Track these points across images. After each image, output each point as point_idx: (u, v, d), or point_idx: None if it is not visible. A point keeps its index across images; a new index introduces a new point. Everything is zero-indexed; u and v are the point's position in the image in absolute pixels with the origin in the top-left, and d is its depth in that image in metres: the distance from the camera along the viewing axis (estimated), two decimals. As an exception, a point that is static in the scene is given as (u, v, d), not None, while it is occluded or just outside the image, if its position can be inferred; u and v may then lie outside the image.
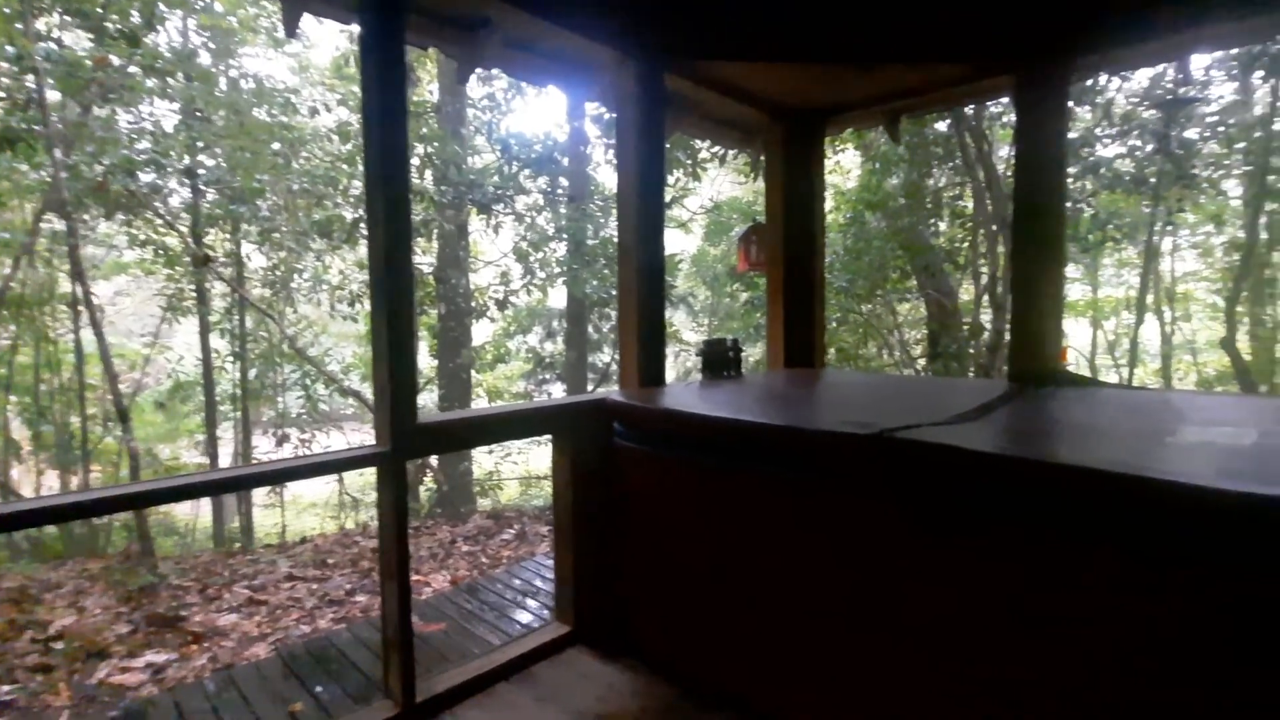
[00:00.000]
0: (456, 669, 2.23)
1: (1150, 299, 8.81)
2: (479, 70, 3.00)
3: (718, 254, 10.39)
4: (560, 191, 8.58)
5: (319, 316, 10.06)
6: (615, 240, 3.91)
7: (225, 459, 10.62)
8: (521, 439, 3.67)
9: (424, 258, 10.18)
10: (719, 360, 3.06)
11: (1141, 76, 6.54)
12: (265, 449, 9.83)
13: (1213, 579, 1.20)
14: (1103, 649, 1.33)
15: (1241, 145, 6.66)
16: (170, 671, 3.69)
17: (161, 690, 3.39)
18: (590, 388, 9.30)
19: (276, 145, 7.64)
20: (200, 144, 7.53)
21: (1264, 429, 1.62)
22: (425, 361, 11.27)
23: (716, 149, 7.43)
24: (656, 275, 2.68)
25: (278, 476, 1.94)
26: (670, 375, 3.09)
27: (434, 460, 9.09)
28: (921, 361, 8.50)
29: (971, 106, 6.09)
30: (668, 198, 8.20)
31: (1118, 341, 10.53)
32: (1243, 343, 8.43)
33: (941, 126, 6.91)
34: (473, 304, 9.02)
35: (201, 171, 7.72)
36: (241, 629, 4.25)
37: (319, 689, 2.52)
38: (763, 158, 3.79)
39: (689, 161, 7.61)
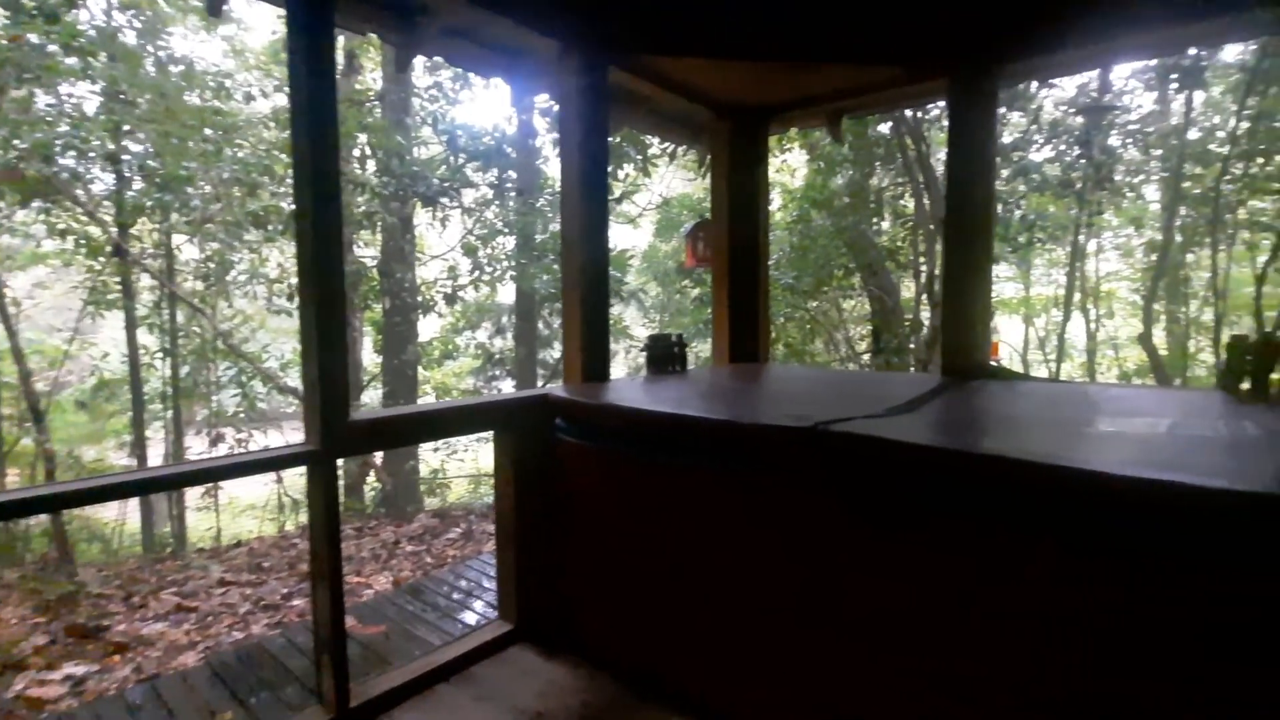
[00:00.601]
0: (393, 671, 2.18)
1: (1077, 297, 9.26)
2: (425, 60, 2.94)
3: (669, 250, 10.43)
4: (509, 185, 8.46)
5: (256, 311, 9.67)
6: (562, 235, 3.86)
7: (155, 461, 10.12)
8: (463, 436, 3.60)
9: (368, 251, 9.91)
10: (664, 355, 3.07)
11: (1070, 85, 6.87)
12: (199, 450, 9.39)
13: (1140, 567, 1.24)
14: (1038, 639, 1.37)
15: (1159, 152, 7.07)
16: (91, 684, 3.50)
17: (81, 703, 3.21)
18: (540, 384, 9.22)
19: (209, 131, 7.30)
20: (126, 128, 7.12)
21: (1175, 420, 1.71)
22: (370, 358, 10.97)
23: (667, 145, 7.46)
24: (600, 270, 2.67)
25: (200, 477, 1.86)
26: (621, 371, 3.11)
27: (378, 459, 8.87)
28: (866, 357, 8.74)
29: (911, 109, 6.27)
30: (617, 193, 8.18)
31: (1048, 338, 11.03)
32: (1159, 338, 8.96)
33: (884, 128, 7.10)
34: (419, 299, 8.82)
35: (126, 157, 7.31)
36: (169, 638, 4.06)
37: (250, 697, 2.43)
38: (708, 155, 3.82)
39: (639, 157, 7.61)
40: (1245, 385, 2.15)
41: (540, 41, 2.61)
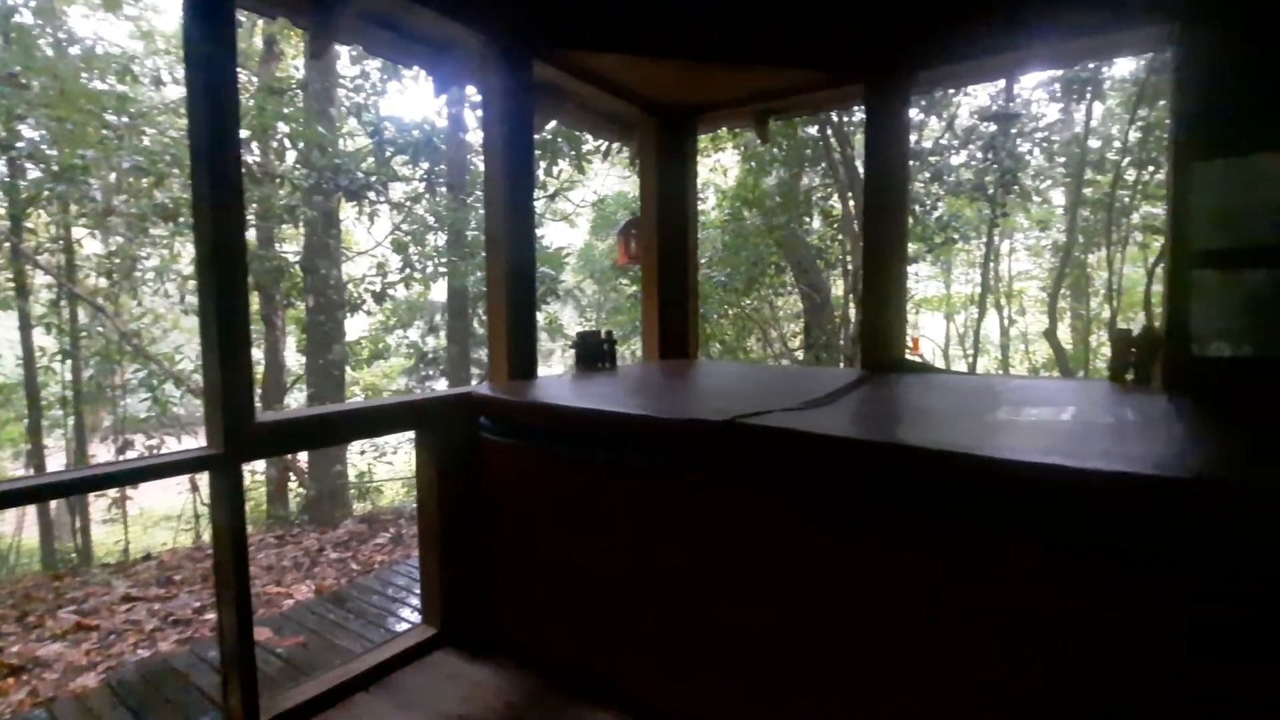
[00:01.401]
0: (307, 683, 2.10)
1: (991, 296, 9.78)
2: (350, 49, 2.83)
3: (605, 248, 10.42)
4: (440, 180, 8.26)
5: (168, 310, 9.10)
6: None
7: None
8: (383, 436, 3.47)
9: (290, 246, 9.48)
10: (593, 353, 3.07)
11: (983, 94, 7.24)
12: (105, 458, 8.77)
13: (1048, 553, 1.29)
14: (960, 627, 1.44)
15: (1063, 159, 7.55)
16: (-23, 712, 3.22)
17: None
18: (475, 383, 9.05)
19: (111, 117, 6.81)
20: (19, 112, 6.57)
21: (1064, 408, 1.83)
22: (294, 358, 10.50)
23: (601, 142, 7.44)
24: (527, 266, 2.63)
25: (91, 484, 1.73)
26: (559, 369, 3.09)
27: (303, 464, 8.51)
28: (800, 353, 8.97)
29: (835, 112, 6.47)
30: (551, 190, 8.11)
31: (966, 333, 11.60)
32: (1064, 334, 9.56)
33: (813, 130, 7.30)
34: (346, 296, 8.50)
35: (20, 144, 6.74)
36: (67, 659, 3.78)
37: (152, 717, 2.29)
38: (638, 152, 3.83)
39: (573, 153, 7.56)
40: (1129, 375, 2.32)
41: (463, 33, 2.55)
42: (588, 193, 9.96)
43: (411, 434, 2.37)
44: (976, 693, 1.37)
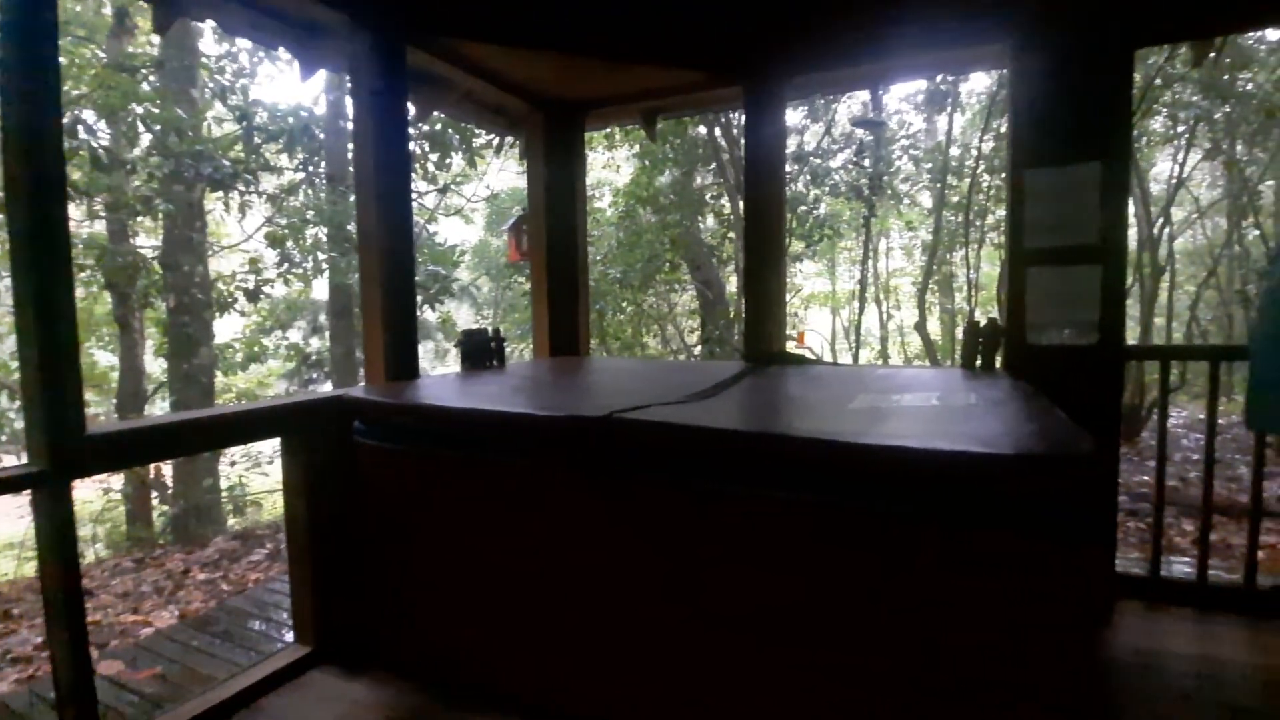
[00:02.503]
0: (162, 717, 1.92)
1: (871, 291, 10.44)
2: (215, 25, 2.57)
3: (500, 245, 10.21)
4: (320, 171, 7.77)
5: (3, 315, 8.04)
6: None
7: None
8: (243, 444, 3.23)
9: (147, 240, 8.62)
10: (479, 351, 2.99)
11: (858, 103, 7.70)
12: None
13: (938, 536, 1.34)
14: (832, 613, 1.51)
15: (928, 165, 8.18)
16: None
17: None
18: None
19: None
20: None
21: (917, 393, 1.97)
22: (156, 364, 9.57)
23: (493, 136, 7.28)
24: (403, 261, 2.52)
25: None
26: (456, 369, 2.98)
27: (168, 479, 7.78)
28: (699, 348, 9.19)
29: (721, 113, 6.67)
30: (441, 184, 7.84)
31: (850, 327, 12.33)
32: (934, 327, 10.37)
33: (704, 131, 7.48)
34: (214, 295, 7.83)
35: None
36: None
37: (-31, 774, 2.02)
38: (525, 148, 3.78)
39: (464, 147, 7.35)
40: (978, 363, 2.55)
41: (329, 14, 2.41)
42: (482, 187, 9.72)
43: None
44: (909, 686, 1.40)
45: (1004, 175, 7.91)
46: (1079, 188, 2.19)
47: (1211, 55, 2.58)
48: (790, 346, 3.33)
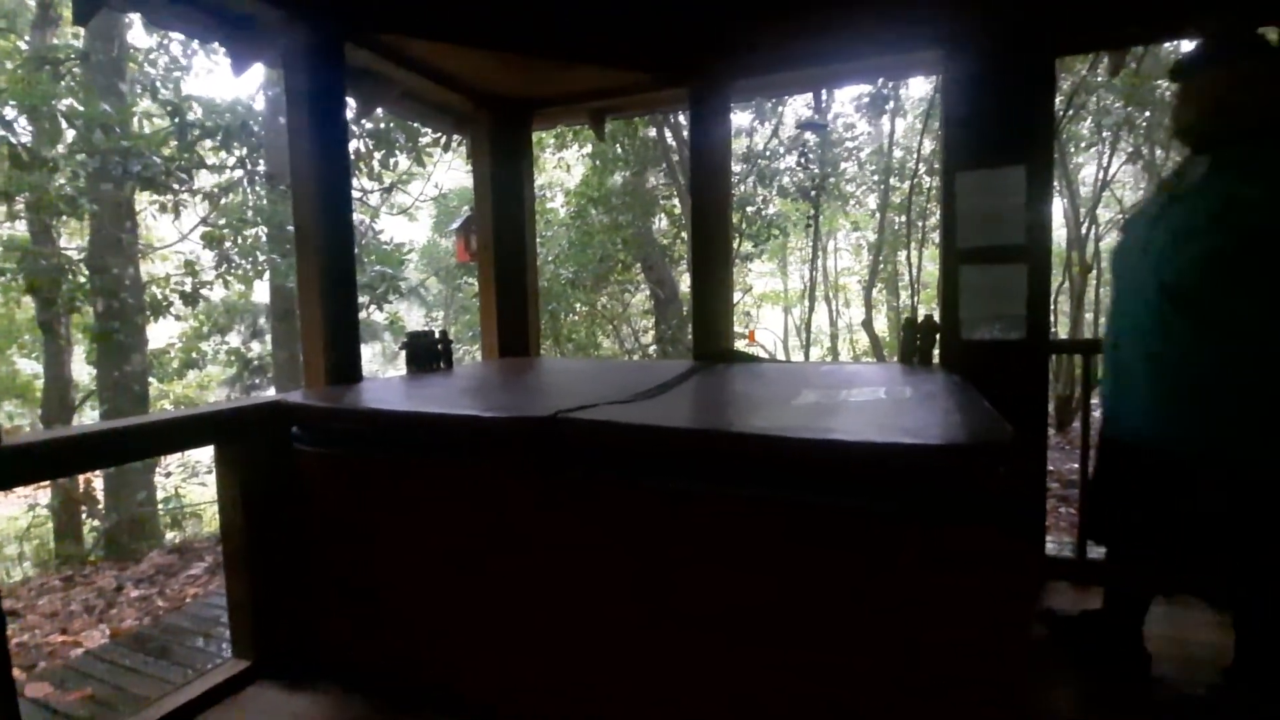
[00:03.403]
0: (88, 741, 1.83)
1: (821, 290, 10.67)
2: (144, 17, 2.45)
3: (449, 245, 10.05)
4: (259, 169, 7.51)
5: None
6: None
7: None
8: (175, 453, 3.10)
9: (73, 242, 8.19)
10: (425, 353, 2.94)
11: (806, 104, 7.85)
12: None
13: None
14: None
15: (872, 167, 8.42)
16: None
17: None
18: (309, 391, 8.33)
19: None
20: None
21: (857, 388, 2.03)
22: (82, 372, 9.11)
23: (440, 134, 7.16)
24: (343, 261, 2.46)
25: None
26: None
27: (99, 492, 7.40)
28: (653, 348, 9.23)
29: (668, 114, 6.72)
30: (387, 183, 7.67)
31: (801, 326, 12.58)
32: (880, 324, 10.68)
33: (654, 132, 7.52)
34: (147, 299, 7.48)
35: None
36: None
37: None
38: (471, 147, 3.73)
39: (410, 145, 7.21)
40: (916, 358, 2.63)
41: (263, 9, 2.34)
42: (429, 186, 9.54)
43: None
44: (890, 684, 1.41)
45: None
46: (1005, 190, 2.29)
47: (1132, 64, 2.73)
48: (741, 345, 3.38)
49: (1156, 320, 1.66)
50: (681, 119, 7.00)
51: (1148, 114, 7.28)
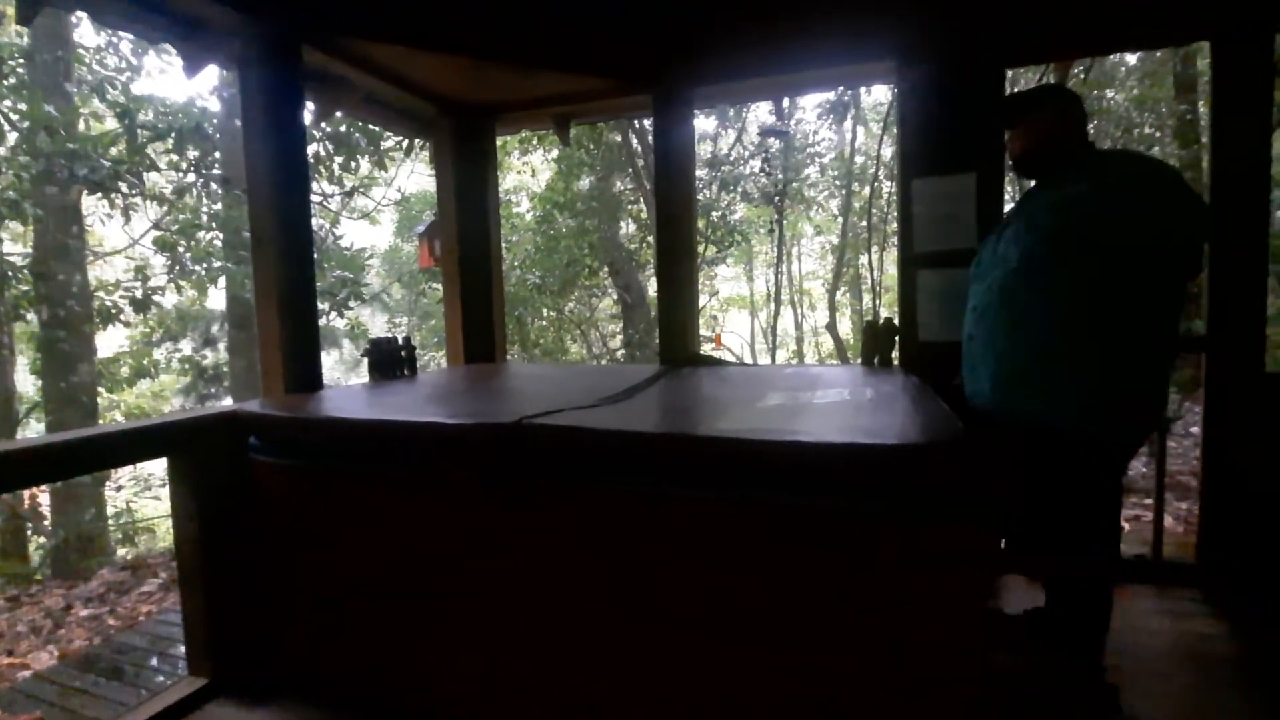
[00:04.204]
0: (33, 767, 1.75)
1: (786, 294, 10.81)
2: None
3: (411, 249, 9.92)
4: (214, 173, 7.31)
5: None
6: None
7: None
8: (124, 466, 3.00)
9: (15, 247, 7.86)
10: (389, 360, 2.90)
11: (770, 111, 7.96)
12: None
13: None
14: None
15: (835, 173, 8.57)
16: None
17: None
18: (268, 399, 8.12)
19: None
20: None
21: (818, 390, 2.07)
22: (27, 382, 8.73)
23: (402, 138, 7.07)
24: (301, 265, 2.42)
25: None
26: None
27: (45, 509, 7.10)
28: (621, 352, 9.22)
29: (633, 119, 6.75)
30: (348, 186, 7.54)
31: (768, 329, 12.72)
32: (844, 327, 10.86)
33: (619, 137, 7.54)
34: (95, 306, 7.22)
35: None
36: None
37: None
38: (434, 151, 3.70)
39: (372, 149, 7.10)
40: (876, 360, 2.69)
41: (214, 10, 2.29)
42: (391, 190, 9.40)
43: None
44: (877, 684, 1.41)
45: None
46: (957, 196, 2.36)
47: (1079, 75, 2.84)
48: (707, 348, 3.41)
49: (997, 311, 1.94)
50: (646, 124, 7.04)
51: (1095, 123, 7.56)
